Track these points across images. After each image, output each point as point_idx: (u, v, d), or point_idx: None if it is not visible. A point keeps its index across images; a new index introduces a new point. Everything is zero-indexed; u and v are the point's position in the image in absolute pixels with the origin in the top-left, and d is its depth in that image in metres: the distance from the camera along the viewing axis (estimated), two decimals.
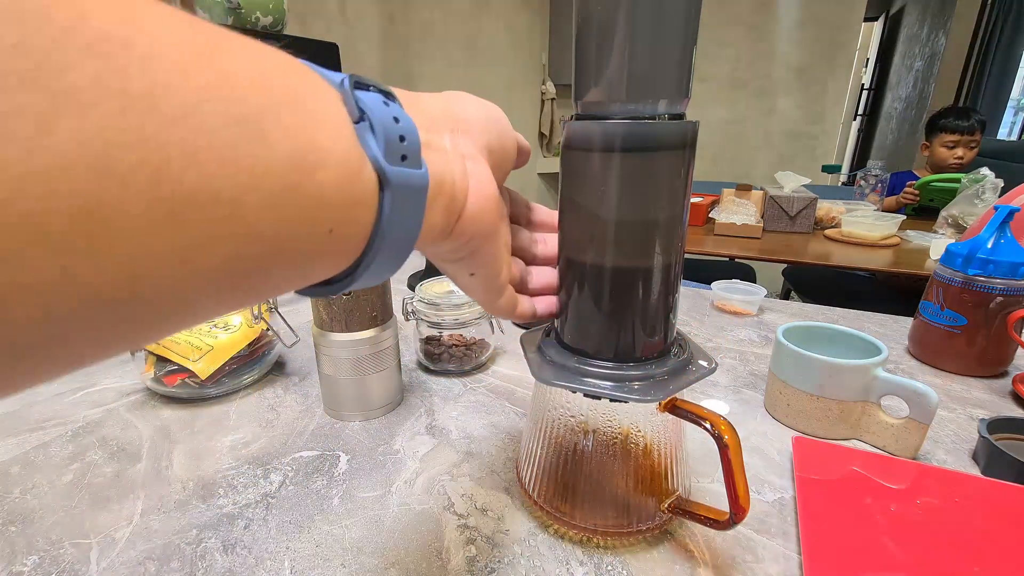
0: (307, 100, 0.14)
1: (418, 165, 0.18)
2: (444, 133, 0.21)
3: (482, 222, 0.22)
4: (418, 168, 0.18)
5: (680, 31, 0.23)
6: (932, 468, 0.39)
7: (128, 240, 0.10)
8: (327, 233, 0.15)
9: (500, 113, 0.25)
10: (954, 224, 1.45)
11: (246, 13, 0.96)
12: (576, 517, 0.32)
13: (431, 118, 0.21)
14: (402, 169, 0.17)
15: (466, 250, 0.23)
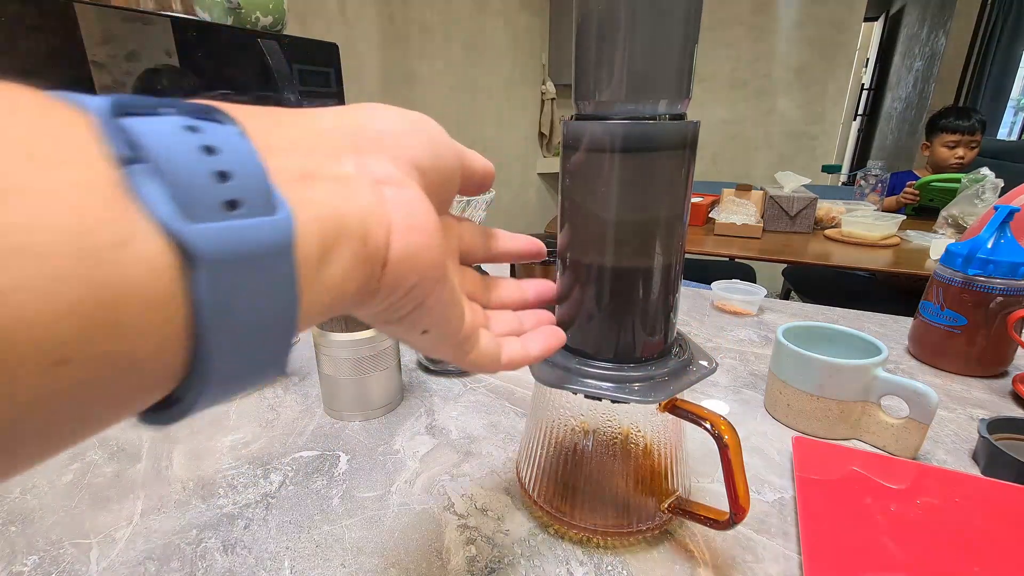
0: (26, 144, 0.09)
1: (265, 210, 0.12)
2: (342, 155, 0.16)
3: (421, 263, 0.17)
4: (265, 214, 0.12)
5: (680, 31, 0.23)
6: (932, 468, 0.39)
7: None
8: (52, 367, 0.09)
9: (430, 122, 0.20)
10: (954, 224, 1.45)
11: (246, 13, 0.96)
12: (576, 517, 0.32)
13: (316, 137, 0.16)
14: (228, 224, 0.11)
15: (407, 305, 0.18)
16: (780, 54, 2.79)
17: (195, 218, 0.11)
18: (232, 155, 0.12)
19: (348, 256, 0.15)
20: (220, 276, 0.11)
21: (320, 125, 0.16)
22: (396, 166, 0.17)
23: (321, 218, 0.14)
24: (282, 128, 0.15)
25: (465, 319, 0.21)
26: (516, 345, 0.23)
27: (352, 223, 0.15)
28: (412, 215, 0.16)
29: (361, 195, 0.15)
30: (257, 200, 0.12)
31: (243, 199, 0.12)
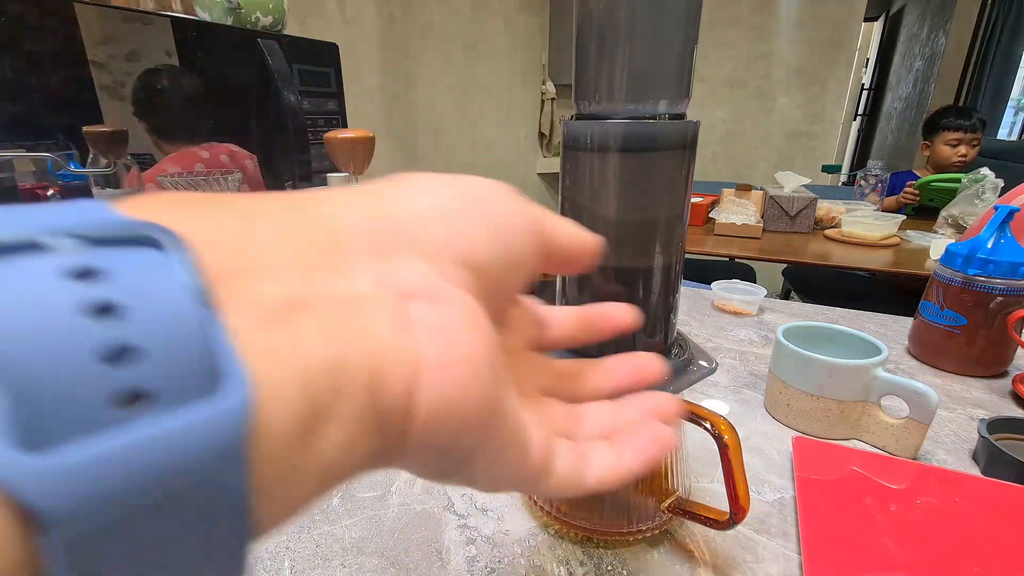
0: None
1: (200, 391, 0.08)
2: (353, 261, 0.11)
3: (464, 410, 0.12)
4: (198, 398, 0.08)
5: (680, 31, 0.23)
6: (932, 468, 0.39)
7: None
8: None
9: (493, 191, 0.15)
10: (954, 224, 1.45)
11: (246, 13, 0.96)
12: (576, 517, 0.32)
13: (314, 237, 0.11)
14: (112, 443, 0.07)
15: (446, 462, 0.13)
16: (780, 54, 2.79)
17: (46, 442, 0.06)
18: (146, 314, 0.08)
19: (350, 420, 0.10)
20: (89, 537, 0.07)
21: (323, 216, 0.12)
22: (435, 268, 0.12)
23: (307, 375, 0.09)
24: (259, 231, 0.10)
25: (532, 451, 0.15)
26: (608, 459, 0.16)
27: (356, 371, 0.10)
28: (452, 344, 0.11)
29: (374, 325, 0.11)
30: (184, 381, 0.08)
31: (154, 387, 0.07)
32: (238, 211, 0.11)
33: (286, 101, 0.84)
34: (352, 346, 0.10)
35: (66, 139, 0.74)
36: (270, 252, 0.10)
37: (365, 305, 0.11)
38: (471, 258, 0.13)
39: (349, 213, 0.12)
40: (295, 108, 0.85)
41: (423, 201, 0.13)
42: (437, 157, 2.19)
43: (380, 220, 0.12)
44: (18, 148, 0.70)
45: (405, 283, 0.12)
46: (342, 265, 0.11)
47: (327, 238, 0.11)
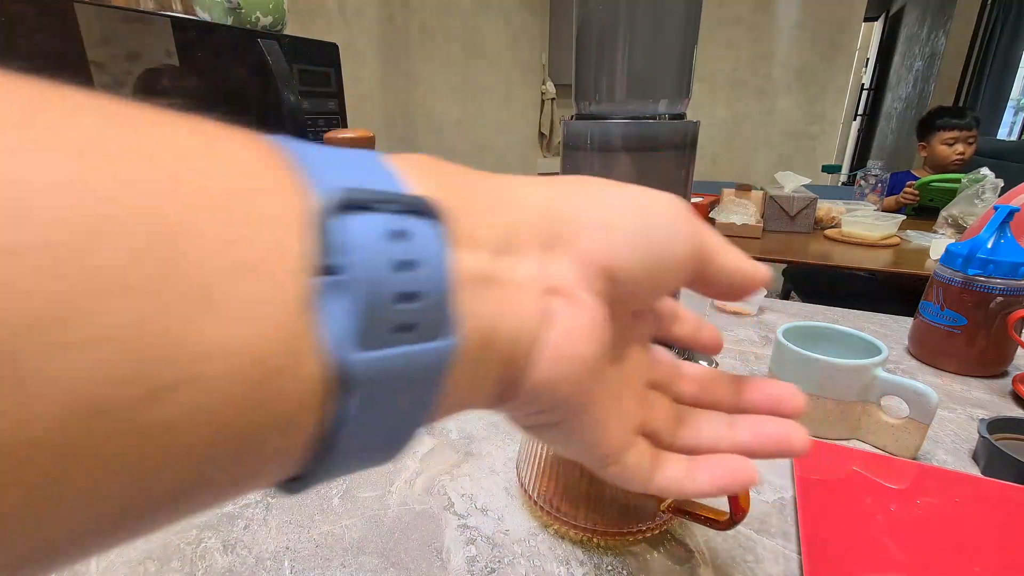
0: (232, 230, 0.09)
1: (437, 333, 0.11)
2: (528, 251, 0.14)
3: (560, 392, 0.15)
4: (438, 339, 0.11)
5: (680, 32, 0.23)
6: (932, 468, 0.39)
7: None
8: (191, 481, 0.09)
9: (662, 209, 0.16)
10: (954, 224, 1.45)
11: (246, 13, 0.96)
12: (576, 517, 0.32)
13: (513, 222, 0.14)
14: (394, 351, 0.11)
15: (543, 419, 0.16)
16: (780, 54, 2.79)
17: (366, 345, 0.10)
18: (427, 272, 0.11)
19: (493, 367, 0.13)
20: (370, 399, 0.11)
21: (521, 203, 0.15)
22: (578, 270, 0.14)
23: (480, 335, 0.13)
24: (482, 209, 0.14)
25: (604, 441, 0.17)
26: (678, 472, 0.18)
27: (502, 342, 0.13)
28: (567, 340, 0.14)
29: (524, 309, 0.13)
30: (432, 323, 0.11)
31: (419, 323, 0.11)
32: (470, 186, 0.14)
33: (286, 101, 0.84)
34: (505, 323, 0.13)
35: None
36: (489, 227, 0.14)
37: (522, 292, 0.14)
38: (611, 268, 0.15)
39: (540, 204, 0.15)
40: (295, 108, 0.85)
41: (594, 210, 0.15)
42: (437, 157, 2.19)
43: (559, 217, 0.15)
44: None
45: (554, 279, 0.14)
46: (522, 250, 0.14)
47: (521, 223, 0.14)
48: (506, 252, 0.14)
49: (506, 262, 0.13)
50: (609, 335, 0.15)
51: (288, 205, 0.10)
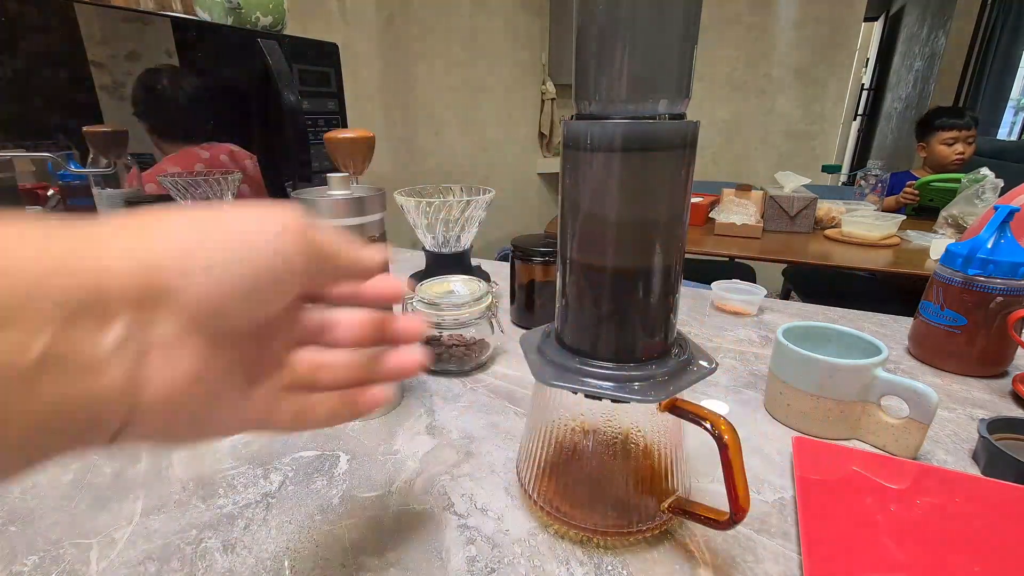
0: None
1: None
2: (119, 314, 0.13)
3: (174, 431, 0.16)
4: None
5: (680, 31, 0.23)
6: (932, 468, 0.39)
7: None
8: None
9: (261, 229, 0.16)
10: (954, 224, 1.45)
11: (246, 13, 0.96)
12: (576, 517, 0.32)
13: (97, 289, 0.13)
14: None
15: (165, 442, 0.17)
16: (780, 54, 2.79)
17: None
18: None
19: (63, 441, 0.13)
20: None
21: (113, 258, 0.13)
22: (182, 324, 0.14)
23: (39, 418, 0.12)
24: (55, 272, 0.12)
25: (247, 415, 0.19)
26: (332, 406, 0.22)
27: (75, 417, 0.13)
28: (168, 397, 0.14)
29: (101, 384, 0.13)
30: None
31: None
32: (43, 249, 0.13)
33: (286, 101, 0.84)
34: (79, 397, 0.13)
35: (66, 139, 0.74)
36: (47, 300, 0.12)
37: (104, 366, 0.13)
38: (225, 310, 0.15)
39: (128, 258, 0.14)
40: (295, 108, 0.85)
41: (193, 255, 0.15)
42: (437, 157, 2.19)
43: (151, 273, 0.14)
44: (18, 148, 0.70)
45: (150, 340, 0.14)
46: (104, 315, 0.13)
47: (99, 288, 0.13)
48: (85, 318, 0.13)
49: (79, 333, 0.13)
50: (221, 361, 0.16)
51: None
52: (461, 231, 0.70)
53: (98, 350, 0.13)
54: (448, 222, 0.68)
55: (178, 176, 0.73)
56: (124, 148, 0.79)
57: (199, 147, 0.90)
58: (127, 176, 0.80)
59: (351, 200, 0.49)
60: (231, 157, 0.94)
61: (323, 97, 1.07)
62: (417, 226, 0.70)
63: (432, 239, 0.70)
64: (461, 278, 0.57)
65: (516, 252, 0.64)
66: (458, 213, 0.67)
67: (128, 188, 0.80)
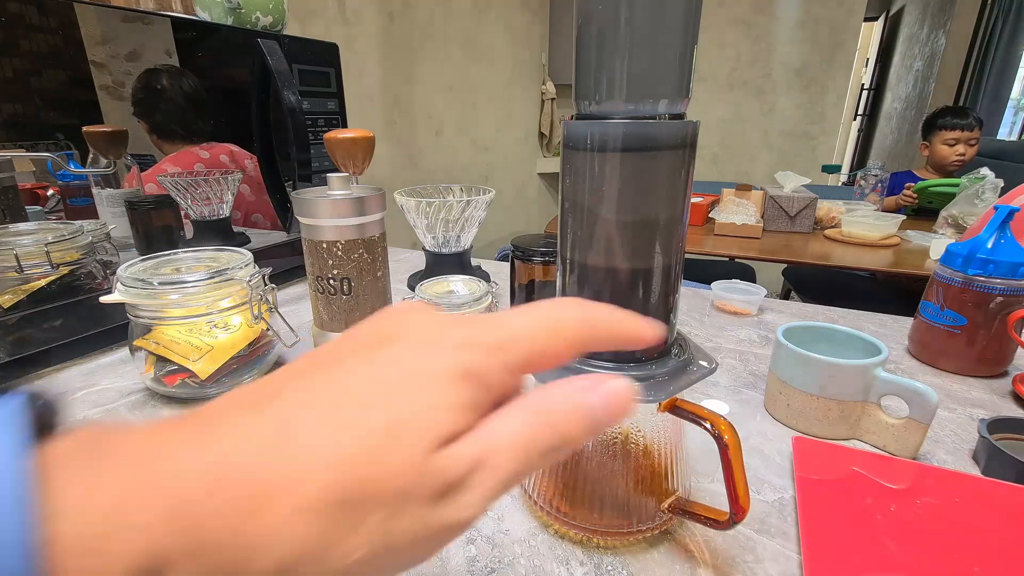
0: None
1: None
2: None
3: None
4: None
5: (680, 31, 0.23)
6: (932, 468, 0.39)
7: None
8: None
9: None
10: (954, 224, 1.45)
11: (246, 13, 0.96)
12: (576, 517, 0.32)
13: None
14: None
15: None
16: (780, 54, 2.79)
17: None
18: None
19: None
20: None
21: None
22: None
23: None
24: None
25: None
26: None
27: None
28: None
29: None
30: None
31: None
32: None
33: (286, 101, 0.84)
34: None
35: (66, 139, 0.74)
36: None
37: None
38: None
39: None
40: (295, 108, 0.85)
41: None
42: (437, 157, 2.19)
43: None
44: (18, 148, 0.70)
45: None
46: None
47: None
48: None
49: None
50: None
51: None
52: (461, 231, 0.70)
53: None
54: (448, 222, 0.68)
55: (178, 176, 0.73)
56: (124, 148, 0.79)
57: (199, 147, 0.90)
58: (127, 176, 0.80)
59: (351, 200, 0.49)
60: (231, 157, 0.94)
61: (323, 97, 1.06)
62: (417, 226, 0.70)
63: (432, 239, 0.70)
64: (461, 278, 0.57)
65: (516, 252, 0.64)
66: (458, 213, 0.67)
67: (128, 188, 0.80)
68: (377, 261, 0.52)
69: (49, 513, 0.11)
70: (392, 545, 0.13)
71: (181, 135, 0.88)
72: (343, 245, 0.49)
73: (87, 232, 0.67)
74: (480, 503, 0.14)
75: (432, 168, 2.15)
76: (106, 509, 0.11)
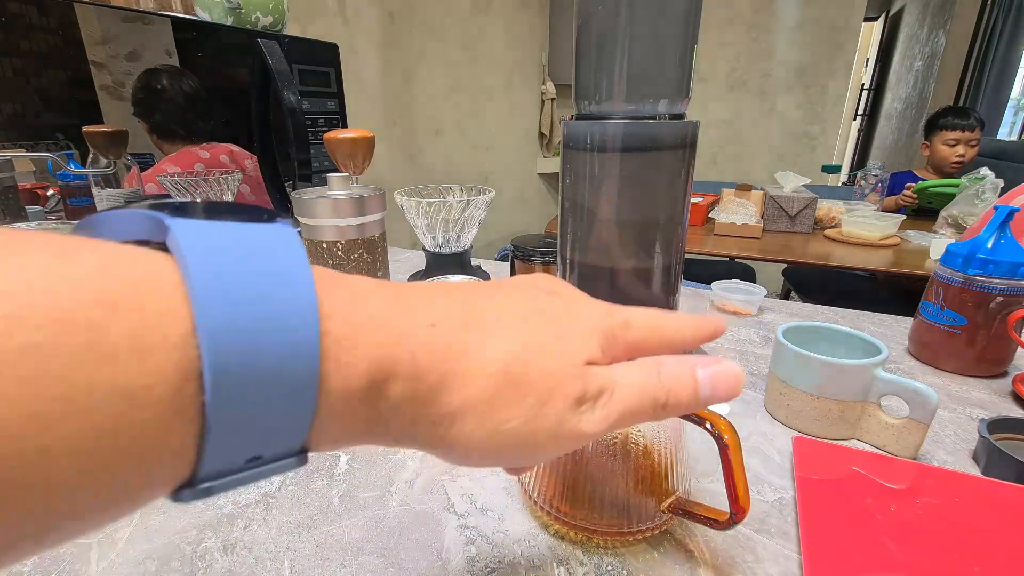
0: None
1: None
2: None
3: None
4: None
5: (680, 31, 0.23)
6: (932, 468, 0.39)
7: None
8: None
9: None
10: (954, 224, 1.45)
11: (246, 13, 0.96)
12: (576, 517, 0.32)
13: None
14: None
15: None
16: (780, 54, 2.79)
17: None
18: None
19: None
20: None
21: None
22: None
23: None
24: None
25: None
26: None
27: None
28: None
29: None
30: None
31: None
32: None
33: (286, 101, 0.84)
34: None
35: (66, 139, 0.74)
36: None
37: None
38: None
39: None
40: (295, 108, 0.85)
41: None
42: (437, 157, 2.19)
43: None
44: (18, 148, 0.70)
45: None
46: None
47: None
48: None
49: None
50: None
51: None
52: (461, 231, 0.70)
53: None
54: (448, 222, 0.68)
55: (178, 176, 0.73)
56: (124, 148, 0.79)
57: (199, 147, 0.90)
58: (127, 176, 0.80)
59: (351, 200, 0.49)
60: (231, 157, 0.94)
61: (323, 97, 1.07)
62: (417, 226, 0.70)
63: (432, 239, 0.70)
64: (461, 278, 0.57)
65: (516, 252, 0.64)
66: (458, 213, 0.67)
67: (128, 188, 0.80)
68: (377, 261, 0.52)
69: (325, 313, 0.14)
70: (534, 430, 0.16)
71: (181, 135, 0.88)
72: (343, 245, 0.49)
73: None
74: (602, 422, 0.17)
75: (432, 168, 2.15)
76: (361, 321, 0.15)
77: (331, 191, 0.51)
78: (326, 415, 0.14)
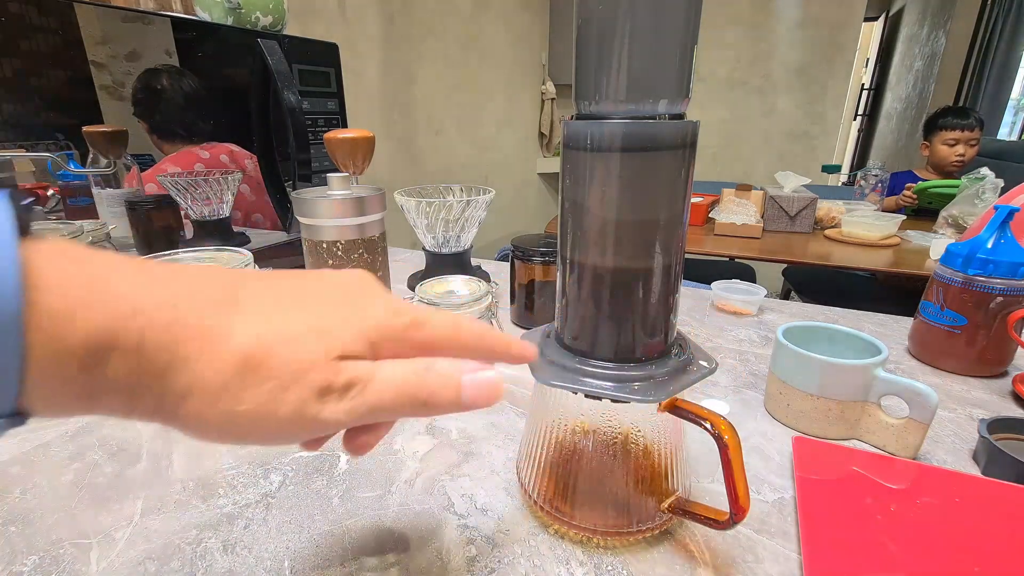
0: None
1: None
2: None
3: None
4: None
5: (680, 31, 0.23)
6: (932, 468, 0.39)
7: None
8: None
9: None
10: (954, 224, 1.45)
11: (246, 13, 0.96)
12: (576, 517, 0.32)
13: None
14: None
15: None
16: (780, 54, 2.79)
17: None
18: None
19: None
20: None
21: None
22: None
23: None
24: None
25: None
26: None
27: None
28: None
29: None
30: None
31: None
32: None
33: (286, 101, 0.84)
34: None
35: (66, 139, 0.74)
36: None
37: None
38: None
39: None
40: (295, 108, 0.85)
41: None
42: (437, 157, 2.19)
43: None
44: (18, 148, 0.70)
45: None
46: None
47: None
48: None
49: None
50: None
51: None
52: (461, 231, 0.70)
53: None
54: (448, 222, 0.68)
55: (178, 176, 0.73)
56: (124, 148, 0.79)
57: (199, 147, 0.90)
58: (127, 176, 0.80)
59: (351, 200, 0.49)
60: (231, 157, 0.94)
61: (323, 97, 1.06)
62: (417, 226, 0.70)
63: (432, 239, 0.70)
64: (461, 278, 0.57)
65: (516, 252, 0.64)
66: (458, 213, 0.67)
67: (128, 188, 0.80)
68: (377, 261, 0.52)
69: (41, 285, 0.14)
70: (271, 413, 0.17)
71: (181, 135, 0.88)
72: (343, 245, 0.49)
73: (87, 232, 0.67)
74: (347, 413, 0.18)
75: (432, 168, 2.15)
76: (84, 295, 0.15)
77: (331, 191, 0.51)
78: (38, 381, 0.14)
